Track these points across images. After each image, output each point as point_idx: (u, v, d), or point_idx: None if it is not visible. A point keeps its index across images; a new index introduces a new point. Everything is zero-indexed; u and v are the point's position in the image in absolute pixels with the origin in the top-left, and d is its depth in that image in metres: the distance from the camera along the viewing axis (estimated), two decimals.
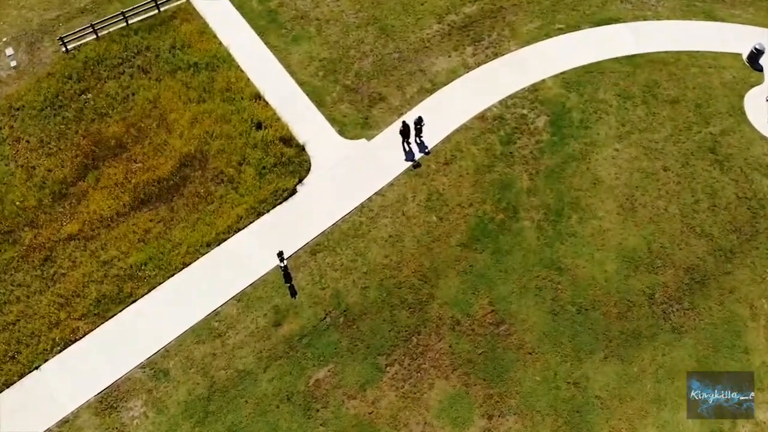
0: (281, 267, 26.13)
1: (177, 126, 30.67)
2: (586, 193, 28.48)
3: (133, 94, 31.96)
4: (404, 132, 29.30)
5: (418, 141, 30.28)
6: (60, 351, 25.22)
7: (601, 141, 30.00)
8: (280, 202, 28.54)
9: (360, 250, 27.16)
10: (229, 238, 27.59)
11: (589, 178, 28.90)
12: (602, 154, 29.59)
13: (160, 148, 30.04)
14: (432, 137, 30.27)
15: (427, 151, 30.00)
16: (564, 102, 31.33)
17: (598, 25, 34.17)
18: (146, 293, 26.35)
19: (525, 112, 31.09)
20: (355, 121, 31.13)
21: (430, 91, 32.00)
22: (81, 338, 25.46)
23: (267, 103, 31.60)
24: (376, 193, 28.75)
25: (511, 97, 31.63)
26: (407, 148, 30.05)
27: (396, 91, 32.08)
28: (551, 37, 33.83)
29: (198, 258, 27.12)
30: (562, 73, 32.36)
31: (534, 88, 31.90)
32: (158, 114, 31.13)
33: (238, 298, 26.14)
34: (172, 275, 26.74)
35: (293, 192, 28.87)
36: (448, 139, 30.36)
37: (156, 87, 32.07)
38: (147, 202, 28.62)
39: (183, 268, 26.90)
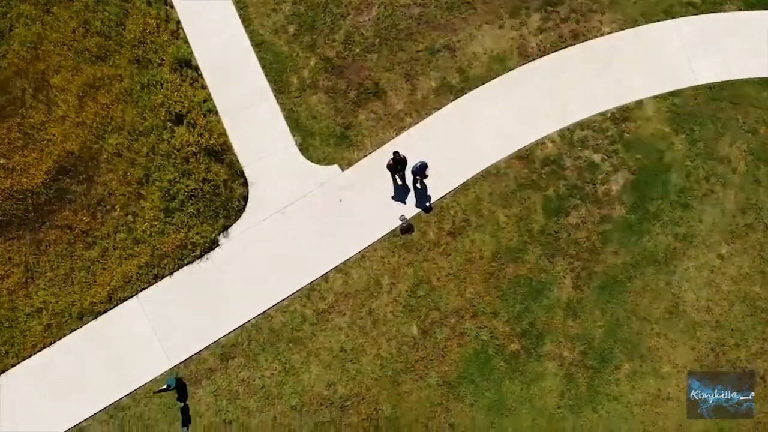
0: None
1: (61, 100, 20.15)
2: (654, 327, 18.32)
3: (11, 28, 20.90)
4: (394, 167, 18.63)
5: (419, 187, 19.56)
6: None
7: (702, 236, 18.87)
8: (190, 261, 19.18)
9: (293, 366, 18.36)
10: (109, 310, 18.85)
11: (666, 301, 18.48)
12: (698, 260, 18.70)
13: (33, 137, 19.98)
14: (440, 182, 19.47)
15: (428, 204, 19.43)
16: (664, 150, 19.53)
17: (753, 6, 20.57)
18: None
19: (597, 159, 19.55)
20: (329, 129, 20.11)
21: (456, 93, 20.23)
22: None
23: (199, 75, 20.45)
24: (336, 268, 19.04)
25: (581, 125, 19.83)
26: (397, 190, 19.46)
27: (402, 83, 20.38)
28: (674, 16, 20.62)
29: (63, 335, 18.71)
30: (672, 94, 19.97)
31: (622, 116, 19.87)
32: (38, 72, 20.41)
33: (111, 412, 18.22)
34: (28, 357, 18.69)
35: (212, 246, 19.30)
36: (464, 188, 19.50)
37: (41, 20, 20.85)
38: (6, 226, 19.48)
39: (42, 348, 18.68)
